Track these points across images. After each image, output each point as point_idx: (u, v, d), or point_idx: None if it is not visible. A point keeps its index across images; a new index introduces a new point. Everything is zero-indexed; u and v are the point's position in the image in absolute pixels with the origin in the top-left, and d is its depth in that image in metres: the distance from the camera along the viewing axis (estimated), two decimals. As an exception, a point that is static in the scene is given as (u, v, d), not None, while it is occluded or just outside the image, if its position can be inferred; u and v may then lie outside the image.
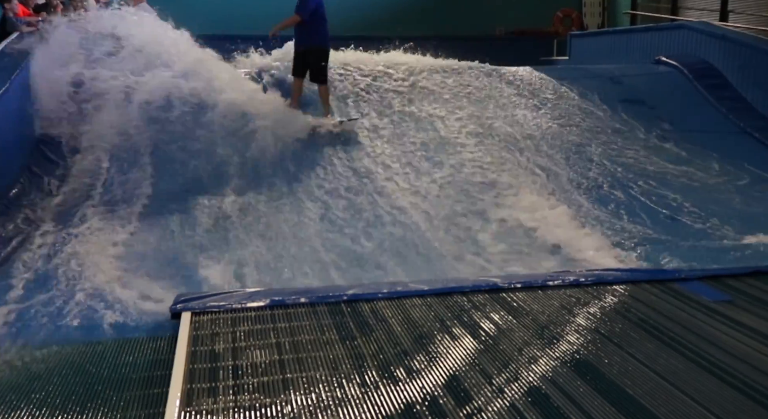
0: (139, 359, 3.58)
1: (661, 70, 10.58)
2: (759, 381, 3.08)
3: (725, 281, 4.47)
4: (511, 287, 4.32)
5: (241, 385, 3.06)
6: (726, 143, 8.59)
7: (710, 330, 3.67)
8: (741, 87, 9.73)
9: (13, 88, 6.52)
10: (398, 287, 4.32)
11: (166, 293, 4.57)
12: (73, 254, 5.27)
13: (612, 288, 4.34)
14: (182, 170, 6.88)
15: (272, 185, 6.81)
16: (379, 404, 2.88)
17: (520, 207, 6.48)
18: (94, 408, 3.04)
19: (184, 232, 5.86)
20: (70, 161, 6.89)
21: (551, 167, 7.54)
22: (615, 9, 17.71)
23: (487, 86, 9.48)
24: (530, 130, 8.42)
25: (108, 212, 6.11)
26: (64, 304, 4.47)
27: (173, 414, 2.81)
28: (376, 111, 8.38)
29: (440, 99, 8.86)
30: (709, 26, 10.93)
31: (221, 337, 3.60)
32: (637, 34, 12.55)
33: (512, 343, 3.50)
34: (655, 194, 7.00)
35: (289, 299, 4.12)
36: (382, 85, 8.97)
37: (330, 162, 7.27)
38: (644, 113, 9.31)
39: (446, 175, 7.14)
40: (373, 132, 7.94)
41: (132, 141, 7.15)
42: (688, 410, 2.83)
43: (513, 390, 2.98)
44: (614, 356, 3.34)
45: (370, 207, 6.45)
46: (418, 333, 3.63)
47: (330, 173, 7.09)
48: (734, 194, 7.08)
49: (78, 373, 3.42)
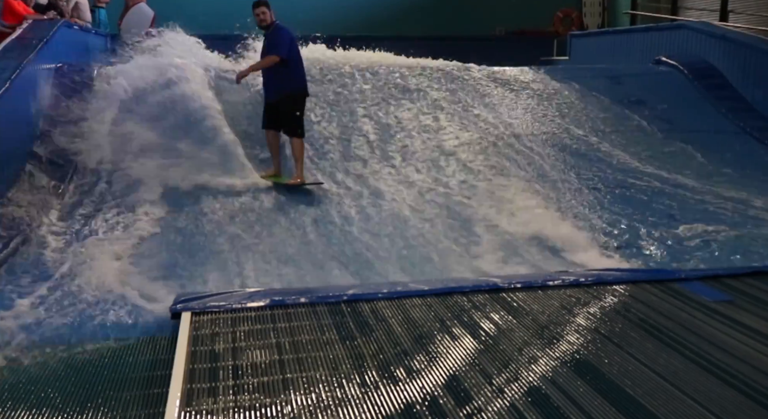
0: (139, 359, 3.58)
1: (661, 70, 10.58)
2: (759, 381, 3.08)
3: (725, 281, 4.47)
4: (511, 287, 4.32)
5: (241, 385, 3.06)
6: (726, 143, 8.59)
7: (710, 330, 3.67)
8: (741, 87, 9.73)
9: (14, 87, 6.52)
10: (398, 287, 4.32)
11: (166, 294, 4.57)
12: (73, 255, 5.27)
13: (612, 288, 4.34)
14: (183, 169, 6.90)
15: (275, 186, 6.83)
16: (379, 404, 2.88)
17: (517, 208, 6.47)
18: (94, 408, 3.04)
19: (184, 232, 5.86)
20: (70, 160, 6.90)
21: (549, 168, 7.54)
22: (615, 9, 17.70)
23: (486, 86, 9.49)
24: (529, 130, 8.42)
25: (108, 212, 6.11)
26: (64, 304, 4.47)
27: (173, 414, 2.81)
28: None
29: (431, 99, 8.86)
30: (709, 26, 10.93)
31: (221, 337, 3.60)
32: (637, 34, 12.55)
33: (512, 343, 3.50)
34: (654, 195, 7.00)
35: (289, 299, 4.12)
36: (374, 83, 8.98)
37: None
38: (644, 112, 9.32)
39: (439, 176, 7.15)
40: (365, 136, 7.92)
41: (134, 142, 7.16)
42: (688, 410, 2.83)
43: (513, 390, 2.98)
44: (614, 356, 3.34)
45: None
46: (418, 333, 3.63)
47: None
48: (734, 194, 7.07)
49: (78, 373, 3.43)
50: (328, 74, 9.02)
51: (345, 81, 8.97)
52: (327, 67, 9.16)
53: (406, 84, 9.11)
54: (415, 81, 9.24)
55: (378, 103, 8.57)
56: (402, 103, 8.66)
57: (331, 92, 8.67)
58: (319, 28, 15.25)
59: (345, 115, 8.23)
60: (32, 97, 7.18)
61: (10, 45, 7.57)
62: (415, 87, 9.08)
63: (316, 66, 8.94)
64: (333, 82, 8.90)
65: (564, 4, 18.54)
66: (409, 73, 9.39)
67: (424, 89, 9.06)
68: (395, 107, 8.54)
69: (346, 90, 8.78)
